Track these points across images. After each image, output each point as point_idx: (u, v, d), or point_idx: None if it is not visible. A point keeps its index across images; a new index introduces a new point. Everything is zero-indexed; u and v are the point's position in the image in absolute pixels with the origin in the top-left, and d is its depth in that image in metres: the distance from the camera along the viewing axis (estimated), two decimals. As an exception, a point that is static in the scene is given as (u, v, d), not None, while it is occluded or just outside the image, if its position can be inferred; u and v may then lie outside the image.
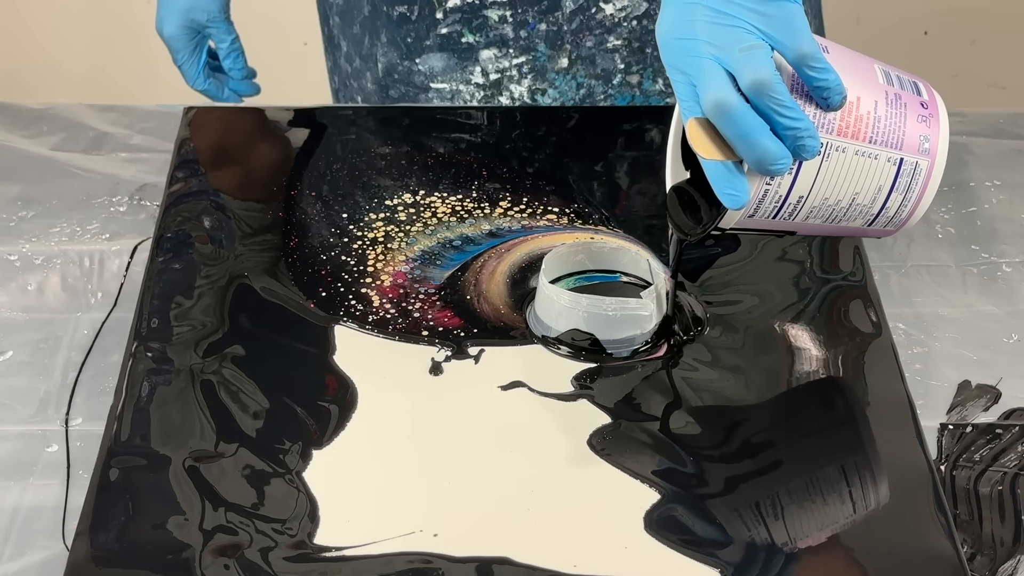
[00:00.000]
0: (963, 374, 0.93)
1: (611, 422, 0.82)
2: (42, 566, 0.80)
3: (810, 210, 0.78)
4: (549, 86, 1.09)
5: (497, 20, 1.06)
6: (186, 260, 0.94)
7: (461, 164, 1.02)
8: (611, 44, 1.08)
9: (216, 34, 1.13)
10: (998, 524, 0.83)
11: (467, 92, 1.10)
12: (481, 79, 1.09)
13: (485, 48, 1.08)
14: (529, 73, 1.09)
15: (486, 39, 1.08)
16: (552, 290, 0.88)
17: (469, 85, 1.10)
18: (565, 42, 1.08)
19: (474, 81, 1.10)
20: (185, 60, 1.12)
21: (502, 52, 1.08)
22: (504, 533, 0.76)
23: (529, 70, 1.09)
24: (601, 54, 1.08)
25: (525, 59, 1.08)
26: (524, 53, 1.08)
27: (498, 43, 1.08)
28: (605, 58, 1.08)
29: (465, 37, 1.08)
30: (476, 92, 1.10)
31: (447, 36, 1.08)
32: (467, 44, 1.08)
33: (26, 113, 1.18)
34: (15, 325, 0.97)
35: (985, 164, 1.12)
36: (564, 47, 1.08)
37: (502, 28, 1.07)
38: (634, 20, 1.09)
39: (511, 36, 1.07)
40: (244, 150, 1.06)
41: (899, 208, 0.80)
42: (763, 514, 0.77)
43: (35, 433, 0.89)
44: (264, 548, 0.75)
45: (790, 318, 0.89)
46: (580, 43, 1.08)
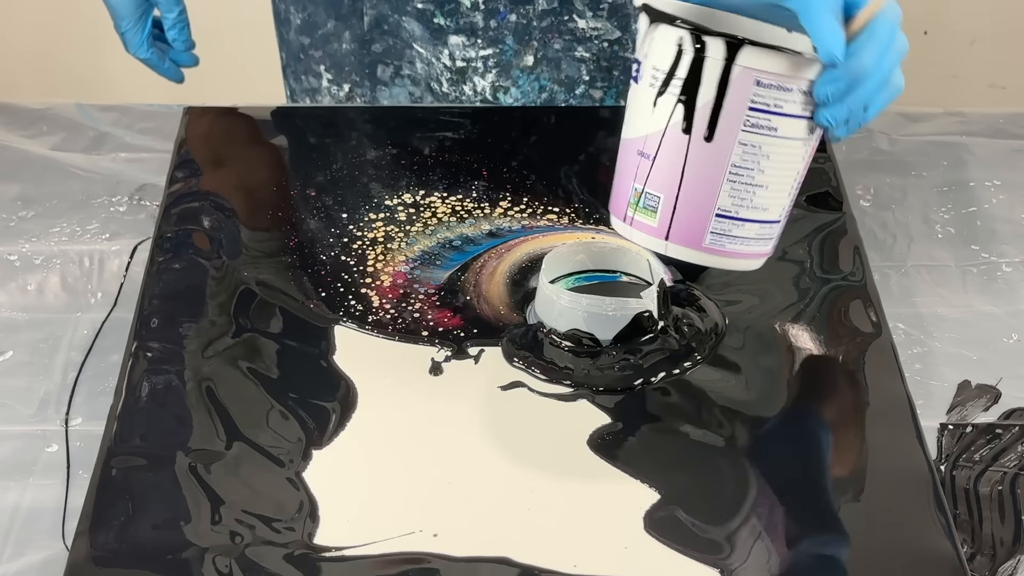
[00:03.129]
0: (963, 374, 0.93)
1: (611, 422, 0.82)
2: (42, 566, 0.80)
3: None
4: (512, 84, 1.10)
5: (469, 7, 1.07)
6: (186, 260, 0.94)
7: (461, 164, 1.02)
8: (579, 54, 1.09)
9: (164, 3, 1.11)
10: (998, 524, 0.83)
11: (438, 67, 1.10)
12: (448, 62, 1.10)
13: (454, 34, 1.08)
14: (494, 68, 1.09)
15: (456, 25, 1.08)
16: (552, 290, 0.88)
17: (439, 62, 1.10)
18: (533, 38, 1.08)
19: (443, 62, 1.10)
20: (130, 28, 1.10)
21: (470, 41, 1.08)
22: (504, 533, 0.76)
23: (495, 64, 1.09)
24: (568, 60, 1.09)
25: (492, 51, 1.08)
26: (492, 45, 1.08)
27: (467, 31, 1.08)
28: (571, 65, 1.09)
29: (436, 18, 1.08)
30: (445, 72, 1.10)
31: (422, 11, 1.08)
32: (438, 25, 1.09)
33: (26, 113, 1.18)
34: (15, 325, 0.97)
35: (985, 164, 1.12)
36: (531, 44, 1.08)
37: (472, 16, 1.07)
38: (605, 42, 1.09)
39: (481, 25, 1.07)
40: (243, 150, 1.06)
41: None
42: (763, 514, 0.77)
43: (35, 433, 0.89)
44: (264, 548, 0.75)
45: (790, 318, 0.89)
46: (548, 43, 1.09)
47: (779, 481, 0.79)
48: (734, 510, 0.77)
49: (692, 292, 0.90)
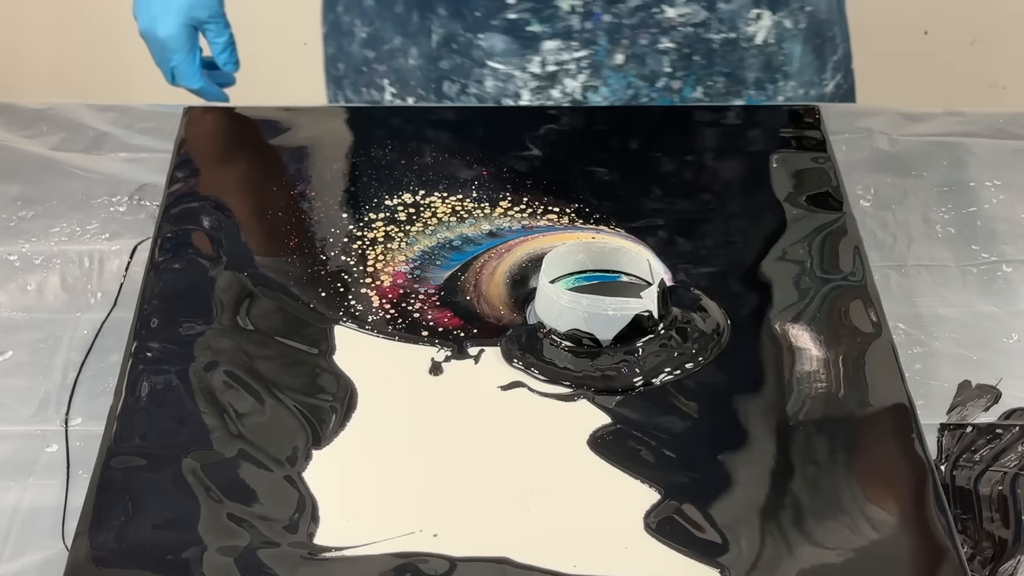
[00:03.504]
0: (963, 374, 0.93)
1: (611, 422, 0.82)
2: (42, 566, 0.80)
3: None
4: (602, 83, 1.11)
5: (567, 10, 1.08)
6: (186, 260, 0.93)
7: (461, 164, 1.02)
8: (662, 45, 1.10)
9: (215, 29, 1.12)
10: (998, 524, 0.83)
11: (520, 79, 1.11)
12: (538, 69, 1.11)
13: (550, 39, 1.10)
14: (587, 68, 1.10)
15: (552, 29, 1.09)
16: (552, 290, 0.88)
17: (524, 72, 1.11)
18: (623, 36, 1.10)
19: (530, 70, 1.11)
20: (183, 60, 1.11)
21: (565, 44, 1.10)
22: (504, 533, 0.76)
23: (587, 65, 1.10)
24: (652, 54, 1.10)
25: (586, 53, 1.09)
26: (586, 47, 1.10)
27: (563, 34, 1.10)
28: (655, 58, 1.10)
29: (531, 26, 1.09)
30: (530, 81, 1.11)
31: (512, 22, 1.09)
32: (531, 33, 1.10)
33: (26, 113, 1.18)
34: (15, 325, 0.97)
35: (985, 164, 1.12)
36: (622, 42, 1.10)
37: (570, 19, 1.08)
38: (689, 27, 1.10)
39: (577, 28, 1.09)
40: (243, 150, 1.06)
41: None
42: (763, 514, 0.77)
43: (35, 433, 0.89)
44: (264, 548, 0.75)
45: (790, 318, 0.89)
46: (635, 40, 1.10)
47: (779, 481, 0.79)
48: (734, 510, 0.77)
49: (693, 292, 0.90)
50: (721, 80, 1.14)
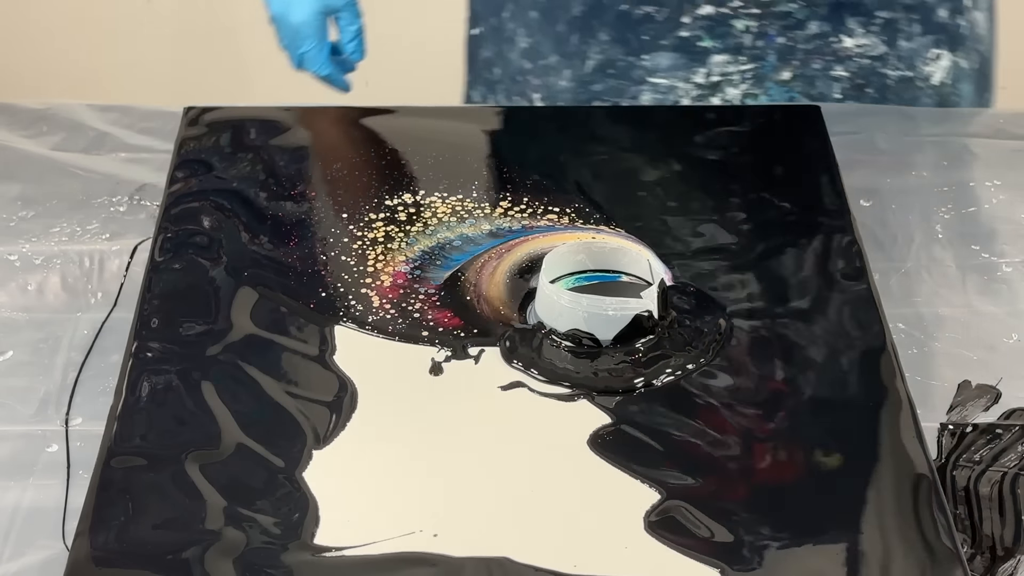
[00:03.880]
0: (963, 374, 0.93)
1: (611, 422, 0.82)
2: (42, 566, 0.80)
3: None
4: (763, 93, 1.12)
5: (741, 30, 1.09)
6: (186, 260, 0.93)
7: (461, 164, 1.02)
8: (836, 73, 1.12)
9: (347, 17, 1.11)
10: (998, 524, 0.83)
11: (683, 89, 1.13)
12: (702, 79, 1.12)
13: (719, 53, 1.11)
14: (751, 79, 1.12)
15: (723, 45, 1.10)
16: (552, 290, 0.88)
17: (688, 83, 1.12)
18: (795, 58, 1.11)
19: (694, 80, 1.12)
20: (313, 46, 1.10)
21: (733, 58, 1.11)
22: (504, 533, 0.76)
23: (752, 76, 1.11)
24: (823, 79, 1.12)
25: (753, 66, 1.11)
26: (753, 61, 1.11)
27: (733, 50, 1.11)
28: (825, 83, 1.12)
29: (703, 42, 1.11)
30: (691, 90, 1.13)
31: (685, 39, 1.11)
32: (702, 48, 1.11)
33: (26, 113, 1.18)
34: (15, 325, 0.97)
35: (985, 164, 1.12)
36: (792, 63, 1.11)
37: (743, 37, 1.09)
38: (866, 59, 1.11)
39: (748, 45, 1.10)
40: (243, 150, 1.05)
41: None
42: (763, 514, 0.77)
43: (35, 433, 0.89)
44: (264, 548, 0.75)
45: (790, 318, 0.89)
46: (807, 63, 1.11)
47: (779, 481, 0.79)
48: (734, 510, 0.77)
49: (694, 292, 0.90)
50: None
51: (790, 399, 0.84)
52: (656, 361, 0.86)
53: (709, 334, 0.88)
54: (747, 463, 0.80)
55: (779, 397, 0.84)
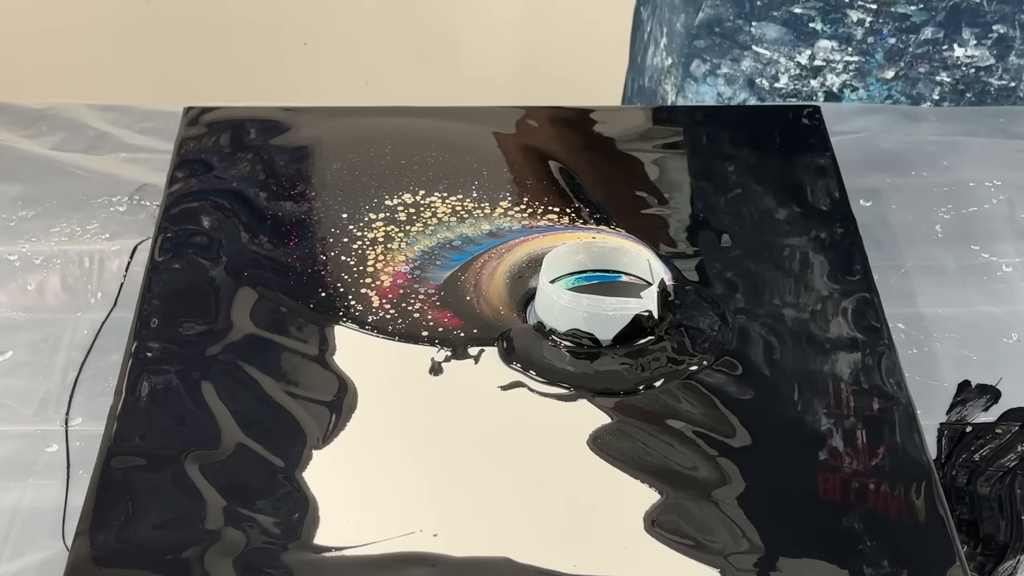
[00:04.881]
0: (963, 374, 0.93)
1: (611, 422, 0.82)
2: (42, 566, 0.80)
3: None
4: (863, 87, 1.12)
5: (854, 21, 1.09)
6: (186, 260, 0.94)
7: (461, 164, 1.02)
8: (939, 78, 1.12)
9: None
10: (998, 524, 0.83)
11: (784, 66, 1.13)
12: (806, 61, 1.12)
13: (828, 39, 1.11)
14: (853, 71, 1.12)
15: (833, 31, 1.10)
16: (552, 290, 0.88)
17: (791, 61, 1.12)
18: (902, 60, 1.11)
19: (797, 60, 1.12)
20: None
21: (841, 47, 1.10)
22: (504, 533, 0.76)
23: (855, 68, 1.11)
24: (926, 81, 1.12)
25: (858, 59, 1.11)
26: (860, 55, 1.11)
27: (842, 38, 1.11)
28: (927, 86, 1.13)
29: (814, 23, 1.10)
30: (793, 69, 1.13)
31: (796, 16, 1.10)
32: (812, 29, 1.10)
33: (26, 113, 1.18)
34: (15, 325, 0.97)
35: (985, 164, 1.12)
36: (898, 63, 1.11)
37: (854, 29, 1.09)
38: (973, 69, 1.12)
39: (857, 38, 1.10)
40: (243, 150, 1.05)
41: None
42: (763, 514, 0.77)
43: (35, 433, 0.89)
44: (264, 548, 0.75)
45: (790, 318, 0.89)
46: (913, 66, 1.11)
47: (779, 481, 0.79)
48: (734, 510, 0.77)
49: (696, 292, 0.90)
50: None
51: (790, 399, 0.84)
52: (657, 363, 0.86)
53: (711, 335, 0.88)
54: (747, 463, 0.80)
55: (778, 397, 0.84)
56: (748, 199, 1.00)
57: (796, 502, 0.78)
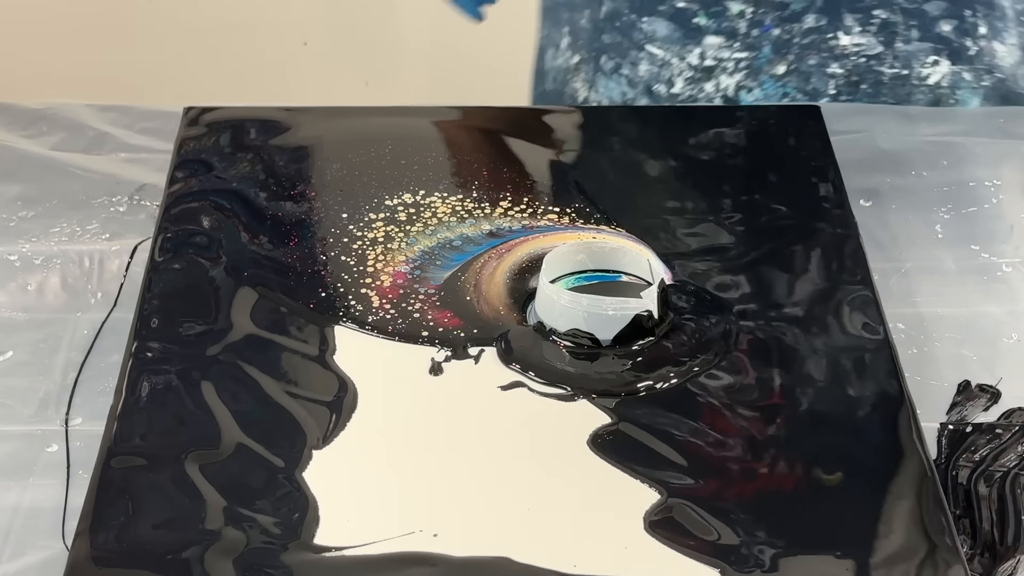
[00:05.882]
0: (963, 374, 0.93)
1: (611, 422, 0.82)
2: (42, 566, 0.80)
3: None
4: (757, 86, 1.12)
5: (735, 13, 1.09)
6: (186, 260, 0.94)
7: (461, 164, 1.02)
8: (831, 70, 1.11)
9: None
10: (998, 524, 0.83)
11: (677, 67, 1.12)
12: (696, 61, 1.11)
13: (714, 35, 1.10)
14: (744, 69, 1.11)
15: (717, 26, 1.10)
16: (552, 290, 0.88)
17: (682, 62, 1.12)
18: (791, 52, 1.11)
19: (688, 60, 1.11)
20: None
21: (727, 43, 1.10)
22: (504, 533, 0.76)
23: (746, 67, 1.11)
24: (819, 74, 1.11)
25: (747, 55, 1.10)
26: (748, 50, 1.10)
27: (727, 33, 1.10)
28: (821, 79, 1.12)
29: (697, 18, 1.10)
30: (686, 71, 1.12)
31: (680, 11, 1.10)
32: (696, 25, 1.10)
33: (26, 113, 1.18)
34: (15, 325, 0.97)
35: (985, 164, 1.12)
36: (787, 56, 1.11)
37: (737, 22, 1.09)
38: (863, 58, 1.11)
39: (742, 32, 1.10)
40: (243, 150, 1.06)
41: None
42: (763, 514, 0.77)
43: (35, 433, 0.89)
44: (264, 548, 0.75)
45: (790, 318, 0.89)
46: (803, 59, 1.11)
47: (779, 481, 0.79)
48: (734, 510, 0.77)
49: (698, 292, 0.90)
50: None
51: (790, 399, 0.84)
52: (659, 364, 0.86)
53: (713, 335, 0.88)
54: (747, 463, 0.80)
55: (779, 397, 0.84)
56: (748, 199, 1.00)
57: (796, 502, 0.78)
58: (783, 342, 0.88)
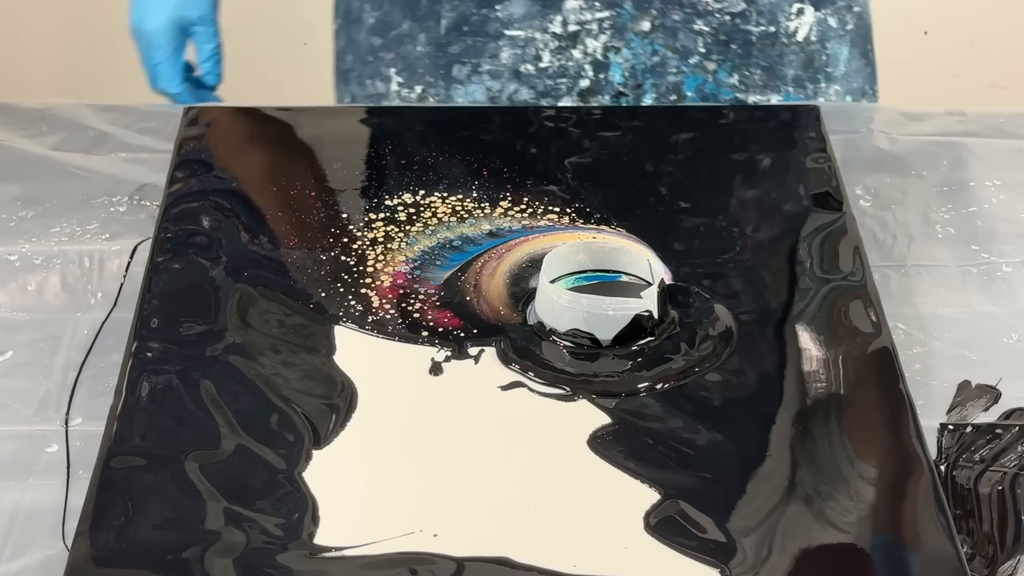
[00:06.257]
0: (963, 374, 0.93)
1: (611, 422, 0.82)
2: (42, 566, 0.80)
3: None
4: (625, 46, 1.10)
5: None
6: (186, 260, 0.94)
7: (461, 164, 1.02)
8: (697, 27, 1.09)
9: (203, 34, 1.10)
10: (998, 524, 0.83)
11: (541, 41, 1.10)
12: (559, 29, 1.10)
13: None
14: (608, 29, 1.09)
15: None
16: (552, 290, 0.88)
17: (545, 34, 1.10)
18: (652, 7, 1.09)
19: (551, 30, 1.10)
20: (164, 60, 1.09)
21: (587, 4, 1.09)
22: (504, 533, 0.76)
23: (609, 26, 1.09)
24: (685, 30, 1.09)
25: (608, 14, 1.09)
26: (609, 8, 1.08)
27: None
28: (688, 36, 1.09)
29: None
30: (551, 41, 1.10)
31: None
32: None
33: (26, 113, 1.18)
34: (15, 325, 0.97)
35: (985, 164, 1.12)
36: (650, 12, 1.09)
37: None
38: (727, 16, 1.09)
39: None
40: (244, 150, 1.06)
41: None
42: (763, 514, 0.77)
43: (35, 433, 0.89)
44: (264, 548, 0.75)
45: (790, 318, 0.89)
46: (667, 14, 1.09)
47: (778, 481, 0.79)
48: (734, 510, 0.77)
49: (699, 293, 0.90)
50: (759, 72, 1.13)
51: (790, 399, 0.84)
52: (659, 364, 0.86)
53: (713, 336, 0.88)
54: (747, 463, 0.80)
55: (779, 397, 0.84)
56: (748, 199, 1.00)
57: (796, 502, 0.78)
58: (783, 342, 0.88)
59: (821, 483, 0.78)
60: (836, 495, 0.78)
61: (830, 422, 0.83)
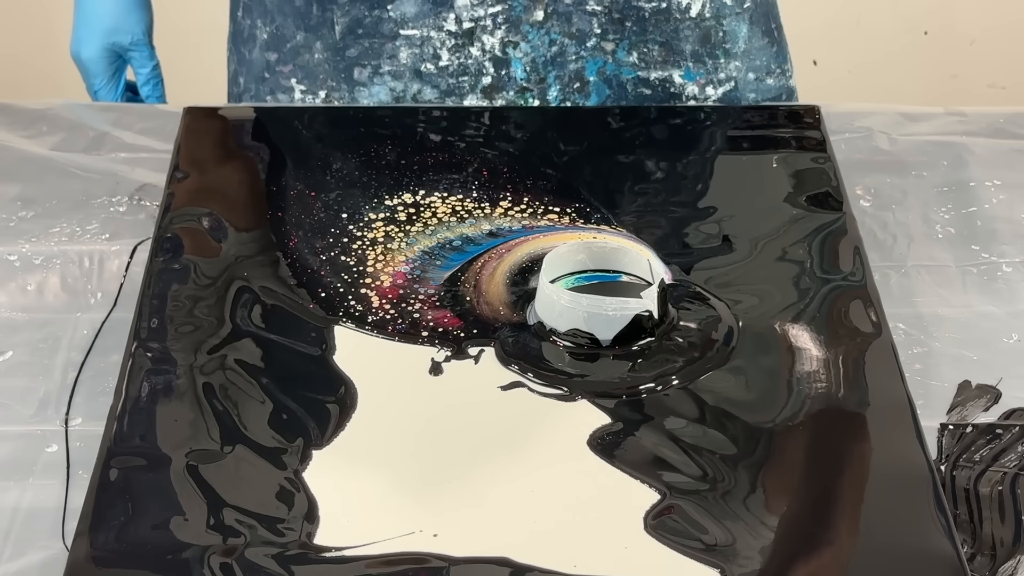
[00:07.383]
0: (963, 374, 0.93)
1: (611, 422, 0.82)
2: (42, 566, 0.80)
3: None
4: (522, 39, 1.09)
5: None
6: (186, 260, 0.94)
7: (461, 164, 1.02)
8: (590, 7, 1.09)
9: (138, 59, 1.12)
10: (998, 524, 0.83)
11: (438, 39, 1.10)
12: (454, 27, 1.09)
13: None
14: (503, 24, 1.09)
15: None
16: (552, 290, 0.88)
17: (441, 32, 1.10)
18: None
19: (446, 28, 1.09)
20: (103, 85, 1.12)
21: (479, 1, 1.08)
22: (504, 533, 0.76)
23: (504, 20, 1.08)
24: (578, 13, 1.08)
25: (501, 8, 1.08)
26: (500, 2, 1.08)
27: None
28: (582, 18, 1.08)
29: None
30: (447, 40, 1.10)
31: None
32: None
33: (26, 113, 1.18)
34: (15, 325, 0.97)
35: (985, 164, 1.12)
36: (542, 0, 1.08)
37: None
38: None
39: None
40: (244, 150, 1.06)
41: None
42: (763, 514, 0.77)
43: (35, 433, 0.89)
44: (264, 548, 0.75)
45: (790, 318, 0.89)
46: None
47: (778, 481, 0.79)
48: (734, 510, 0.77)
49: (700, 293, 0.90)
50: (656, 48, 1.12)
51: (790, 399, 0.84)
52: (659, 365, 0.86)
53: (713, 336, 0.88)
54: (747, 463, 0.80)
55: (779, 397, 0.84)
56: (748, 199, 1.00)
57: (795, 502, 0.78)
58: (783, 342, 0.88)
59: (821, 483, 0.78)
60: (836, 495, 0.78)
61: (830, 422, 0.82)
